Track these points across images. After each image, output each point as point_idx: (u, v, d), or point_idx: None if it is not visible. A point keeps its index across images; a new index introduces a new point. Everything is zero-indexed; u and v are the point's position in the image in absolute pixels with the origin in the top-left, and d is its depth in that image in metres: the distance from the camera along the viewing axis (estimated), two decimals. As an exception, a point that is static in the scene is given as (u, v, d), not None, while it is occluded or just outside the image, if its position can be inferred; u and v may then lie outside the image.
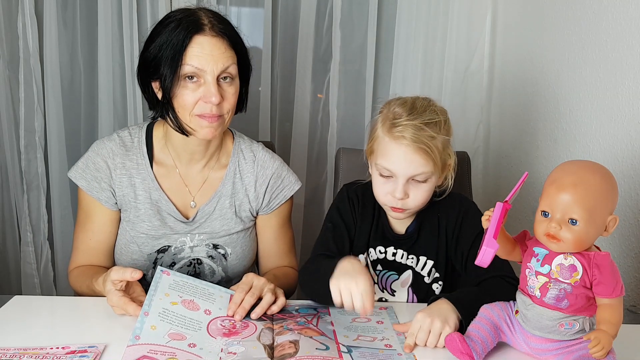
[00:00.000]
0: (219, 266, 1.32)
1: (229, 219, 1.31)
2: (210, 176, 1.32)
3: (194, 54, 1.14)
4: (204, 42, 1.15)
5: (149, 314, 1.00)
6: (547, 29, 1.75)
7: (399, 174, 1.12)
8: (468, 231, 1.19)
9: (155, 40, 1.17)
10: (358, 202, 1.25)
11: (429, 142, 1.10)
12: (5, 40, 1.92)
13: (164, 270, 1.11)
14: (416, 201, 1.15)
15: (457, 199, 1.24)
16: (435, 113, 1.14)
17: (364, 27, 2.07)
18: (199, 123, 1.18)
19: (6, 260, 2.07)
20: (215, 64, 1.15)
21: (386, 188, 1.14)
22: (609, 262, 0.89)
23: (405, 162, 1.11)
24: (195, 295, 1.08)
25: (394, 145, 1.11)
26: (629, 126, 1.36)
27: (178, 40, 1.14)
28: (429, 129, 1.11)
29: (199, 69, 1.14)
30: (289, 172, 1.37)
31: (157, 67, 1.16)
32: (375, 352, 0.96)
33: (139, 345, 0.92)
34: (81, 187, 1.27)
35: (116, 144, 1.28)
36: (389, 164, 1.12)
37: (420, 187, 1.14)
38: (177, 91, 1.16)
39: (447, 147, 1.16)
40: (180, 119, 1.19)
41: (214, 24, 1.17)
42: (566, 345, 0.92)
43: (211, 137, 1.21)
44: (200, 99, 1.16)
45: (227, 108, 1.19)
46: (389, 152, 1.12)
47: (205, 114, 1.17)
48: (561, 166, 0.93)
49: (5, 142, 1.97)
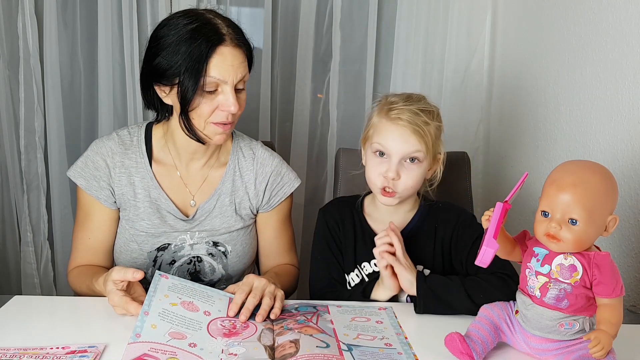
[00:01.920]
0: (219, 264, 1.32)
1: (229, 217, 1.32)
2: (209, 175, 1.32)
3: (216, 65, 1.14)
4: (225, 53, 1.15)
5: (149, 313, 1.00)
6: (547, 29, 1.75)
7: (393, 152, 1.17)
8: (466, 239, 1.24)
9: (169, 46, 1.15)
10: (337, 225, 1.30)
11: (423, 127, 1.17)
12: (5, 40, 1.91)
13: (162, 274, 1.11)
14: (406, 184, 1.18)
15: (455, 209, 1.29)
16: (429, 105, 1.22)
17: (364, 27, 2.07)
18: (214, 130, 1.20)
19: (6, 260, 2.07)
20: (235, 74, 1.16)
21: (379, 169, 1.19)
22: (609, 262, 0.89)
23: (400, 140, 1.17)
24: (194, 297, 1.08)
25: (391, 126, 1.18)
26: (629, 126, 1.36)
27: (200, 51, 1.13)
28: (424, 115, 1.18)
29: (220, 80, 1.15)
30: (288, 170, 1.38)
31: (172, 75, 1.15)
32: (376, 351, 0.96)
33: (139, 343, 0.92)
34: (80, 185, 1.27)
35: (115, 143, 1.28)
36: (385, 142, 1.18)
37: (411, 170, 1.18)
38: (197, 101, 1.16)
39: (439, 139, 1.22)
40: (195, 127, 1.19)
41: (232, 34, 1.17)
42: (566, 345, 0.92)
43: (223, 142, 1.24)
44: (218, 108, 1.17)
45: (238, 114, 1.21)
46: (385, 132, 1.19)
47: (221, 121, 1.18)
48: (561, 166, 0.93)
49: (5, 142, 1.97)
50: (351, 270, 1.28)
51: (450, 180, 1.56)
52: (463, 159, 1.61)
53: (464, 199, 1.59)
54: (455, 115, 2.11)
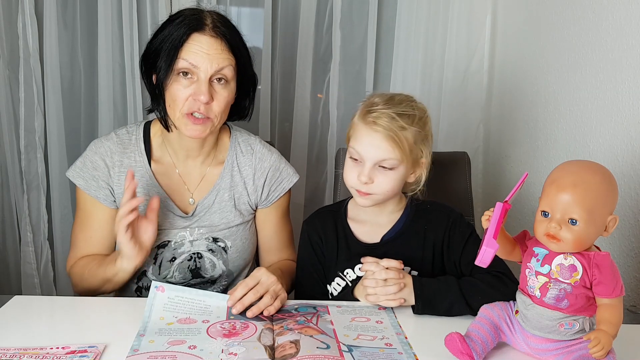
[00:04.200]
0: (220, 259, 1.32)
1: (228, 212, 1.32)
2: (208, 173, 1.33)
3: (191, 50, 1.16)
4: (202, 40, 1.17)
5: (145, 335, 0.99)
6: (547, 29, 1.75)
7: (365, 158, 1.15)
8: (457, 239, 1.22)
9: (160, 32, 1.20)
10: (320, 239, 1.28)
11: (398, 132, 1.13)
12: (5, 40, 1.92)
13: (158, 287, 1.09)
14: (380, 188, 1.17)
15: (444, 210, 1.27)
16: (411, 108, 1.17)
17: (364, 27, 2.07)
18: (184, 122, 1.20)
19: (6, 260, 2.07)
20: (210, 63, 1.16)
21: (354, 171, 1.18)
22: (609, 262, 0.89)
23: (372, 147, 1.14)
24: (191, 311, 1.07)
25: (365, 131, 1.15)
26: (629, 126, 1.36)
27: (178, 35, 1.16)
28: (401, 119, 1.14)
29: (193, 65, 1.16)
30: (286, 165, 1.38)
31: (155, 59, 1.19)
32: (376, 352, 0.96)
33: (138, 354, 0.92)
34: (79, 185, 1.27)
35: (114, 143, 1.28)
36: (358, 147, 1.16)
37: (386, 175, 1.16)
38: (170, 85, 1.18)
39: (420, 143, 1.18)
40: (169, 114, 1.21)
41: (217, 25, 1.18)
42: (566, 345, 0.92)
43: (196, 136, 1.22)
44: (191, 96, 1.17)
45: (216, 110, 1.20)
46: (360, 136, 1.16)
47: (193, 111, 1.18)
48: (561, 166, 0.93)
49: (5, 142, 1.97)
50: (333, 280, 1.26)
51: (450, 180, 1.57)
52: (463, 159, 1.61)
53: (464, 199, 1.59)
54: (455, 115, 2.11)
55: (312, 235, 1.29)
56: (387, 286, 1.12)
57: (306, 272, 1.29)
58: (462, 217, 1.27)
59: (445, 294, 1.12)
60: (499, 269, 1.14)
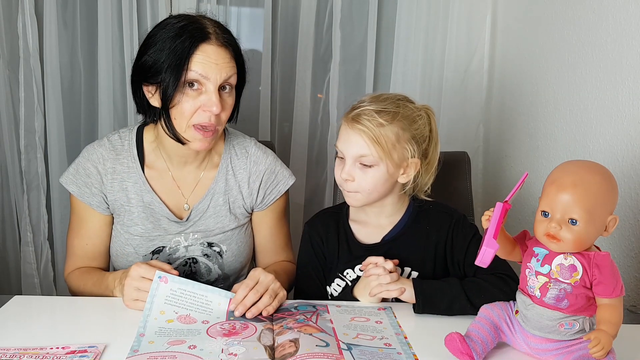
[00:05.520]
0: (215, 264, 1.32)
1: (223, 216, 1.31)
2: (202, 177, 1.31)
3: (199, 61, 1.13)
4: (209, 51, 1.14)
5: (145, 335, 0.99)
6: (547, 29, 1.75)
7: (346, 155, 1.17)
8: (461, 240, 1.22)
9: (156, 44, 1.15)
10: (321, 240, 1.28)
11: (375, 129, 1.14)
12: (5, 40, 1.92)
13: (162, 277, 1.08)
14: (361, 185, 1.17)
15: (447, 211, 1.26)
16: (395, 105, 1.16)
17: (364, 27, 2.07)
18: (193, 135, 1.18)
19: (6, 260, 2.07)
20: (219, 72, 1.14)
21: (339, 169, 1.20)
22: (609, 262, 0.89)
23: (349, 143, 1.16)
24: (192, 308, 1.07)
25: (345, 128, 1.18)
26: (629, 126, 1.36)
27: (184, 47, 1.13)
28: (380, 116, 1.14)
29: (202, 75, 1.14)
30: (282, 167, 1.37)
31: (157, 72, 1.15)
32: (375, 351, 0.96)
33: (138, 355, 0.92)
34: (72, 192, 1.27)
35: (106, 149, 1.27)
36: (339, 144, 1.19)
37: (366, 172, 1.16)
38: (177, 98, 1.15)
39: (405, 142, 1.16)
40: (176, 128, 1.18)
41: (219, 34, 1.17)
42: (566, 345, 0.92)
43: (205, 149, 1.21)
44: (200, 108, 1.15)
45: (224, 120, 1.20)
46: (341, 133, 1.20)
47: (203, 123, 1.16)
48: (561, 166, 0.93)
49: (5, 142, 1.97)
50: (333, 281, 1.26)
51: (450, 180, 1.57)
52: (463, 159, 1.60)
53: (464, 199, 1.59)
54: (455, 115, 2.11)
55: (313, 236, 1.29)
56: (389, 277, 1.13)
57: (306, 273, 1.29)
58: (465, 218, 1.26)
59: (446, 291, 1.12)
60: (503, 271, 1.14)
